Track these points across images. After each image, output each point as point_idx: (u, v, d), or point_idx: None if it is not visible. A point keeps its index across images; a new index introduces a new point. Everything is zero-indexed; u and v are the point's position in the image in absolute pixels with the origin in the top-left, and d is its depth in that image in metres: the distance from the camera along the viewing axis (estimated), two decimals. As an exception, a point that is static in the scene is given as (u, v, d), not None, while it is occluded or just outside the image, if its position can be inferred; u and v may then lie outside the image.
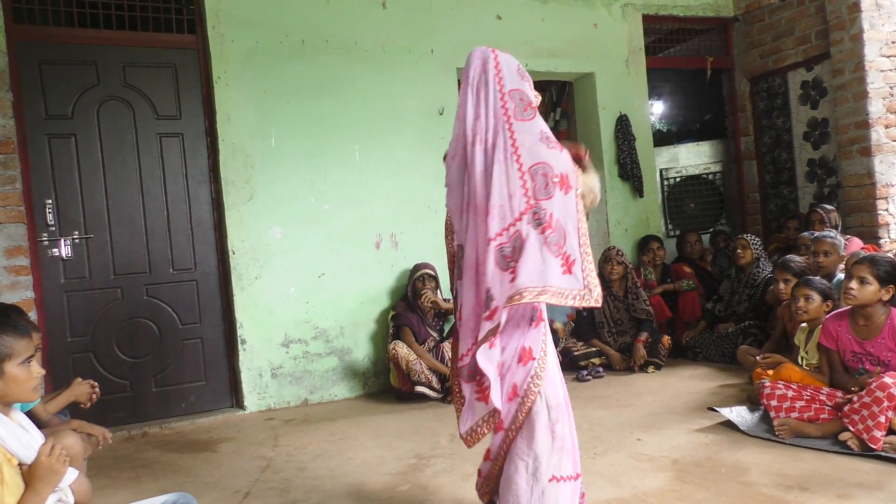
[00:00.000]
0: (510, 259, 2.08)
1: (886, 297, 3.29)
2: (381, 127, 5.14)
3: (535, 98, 2.27)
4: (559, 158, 2.14)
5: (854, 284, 3.28)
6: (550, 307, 2.37)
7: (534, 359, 2.22)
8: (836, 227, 5.24)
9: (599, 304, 2.13)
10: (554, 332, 4.76)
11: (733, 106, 6.84)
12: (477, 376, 2.18)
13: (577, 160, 2.25)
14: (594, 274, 2.14)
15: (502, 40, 5.55)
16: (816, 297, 3.79)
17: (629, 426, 3.72)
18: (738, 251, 5.30)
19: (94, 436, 2.76)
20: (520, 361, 2.22)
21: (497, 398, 2.14)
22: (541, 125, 2.19)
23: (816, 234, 4.71)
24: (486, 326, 2.09)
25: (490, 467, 2.34)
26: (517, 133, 2.14)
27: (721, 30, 6.77)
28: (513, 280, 2.06)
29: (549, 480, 2.19)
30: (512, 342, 2.23)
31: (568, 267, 2.08)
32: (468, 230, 2.21)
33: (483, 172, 2.16)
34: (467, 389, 2.24)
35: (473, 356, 2.13)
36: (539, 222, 2.08)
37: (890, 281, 3.27)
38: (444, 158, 2.37)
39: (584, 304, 2.09)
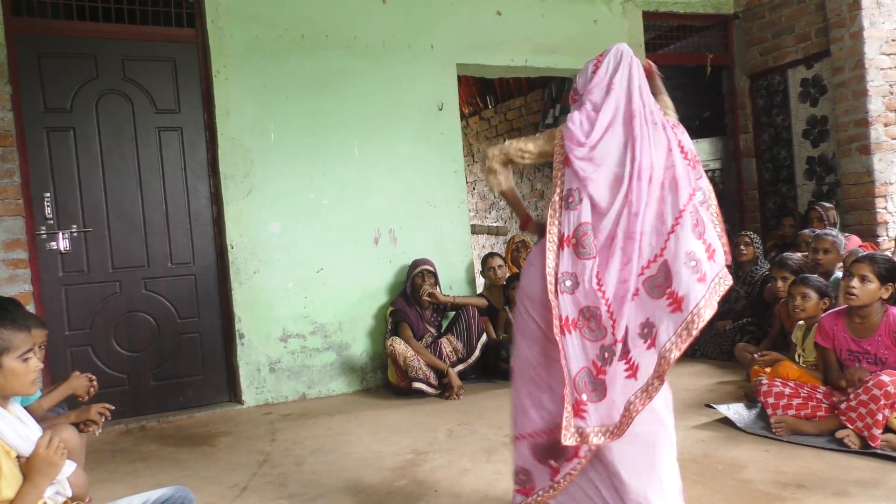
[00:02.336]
0: (698, 228, 2.15)
1: (886, 296, 3.29)
2: (381, 122, 5.13)
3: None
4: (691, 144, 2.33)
5: (856, 283, 3.27)
6: None
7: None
8: (834, 225, 5.26)
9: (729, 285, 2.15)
10: None
11: (733, 103, 6.84)
12: (668, 289, 2.10)
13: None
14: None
15: (502, 36, 5.55)
16: (813, 295, 3.79)
17: (626, 422, 3.72)
18: (741, 248, 5.30)
19: (93, 421, 2.72)
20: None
21: (692, 302, 2.06)
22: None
23: (818, 231, 4.72)
24: (699, 288, 2.07)
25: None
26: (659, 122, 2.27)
27: (721, 27, 6.77)
28: (709, 257, 2.13)
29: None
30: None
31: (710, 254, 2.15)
32: (628, 199, 2.17)
33: (655, 147, 2.21)
34: (617, 369, 2.12)
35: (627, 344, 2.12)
36: (702, 201, 2.25)
37: (889, 279, 3.27)
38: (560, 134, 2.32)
39: (725, 287, 2.12)
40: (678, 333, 2.05)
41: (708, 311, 2.05)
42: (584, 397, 2.12)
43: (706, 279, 2.08)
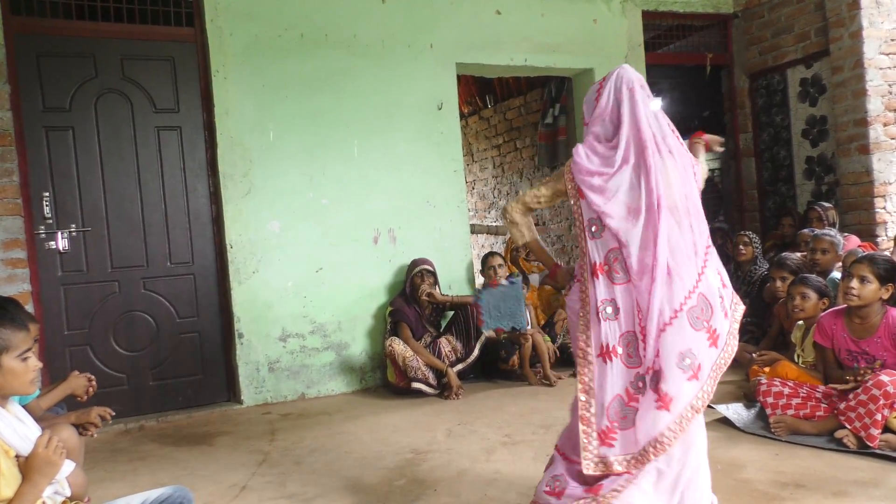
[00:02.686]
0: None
1: (886, 296, 3.29)
2: (380, 122, 5.13)
3: None
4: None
5: (855, 283, 3.27)
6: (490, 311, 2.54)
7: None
8: (833, 225, 5.26)
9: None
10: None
11: (732, 103, 6.84)
12: (706, 323, 2.16)
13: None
14: None
15: (502, 35, 5.55)
16: (812, 296, 3.79)
17: (626, 422, 3.72)
18: (740, 247, 5.30)
19: (93, 424, 2.72)
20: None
21: (722, 340, 2.20)
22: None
23: (816, 231, 4.72)
24: (726, 324, 2.26)
25: (622, 482, 2.21)
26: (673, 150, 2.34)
27: (720, 26, 6.77)
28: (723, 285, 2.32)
29: None
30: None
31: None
32: (652, 229, 2.20)
33: (675, 176, 2.27)
34: (649, 399, 2.15)
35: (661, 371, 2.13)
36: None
37: (889, 279, 3.27)
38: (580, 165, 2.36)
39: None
40: (714, 367, 2.17)
41: (734, 343, 2.23)
42: (616, 426, 2.14)
43: (727, 314, 2.23)
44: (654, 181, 2.20)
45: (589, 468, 2.15)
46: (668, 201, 2.21)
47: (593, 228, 2.24)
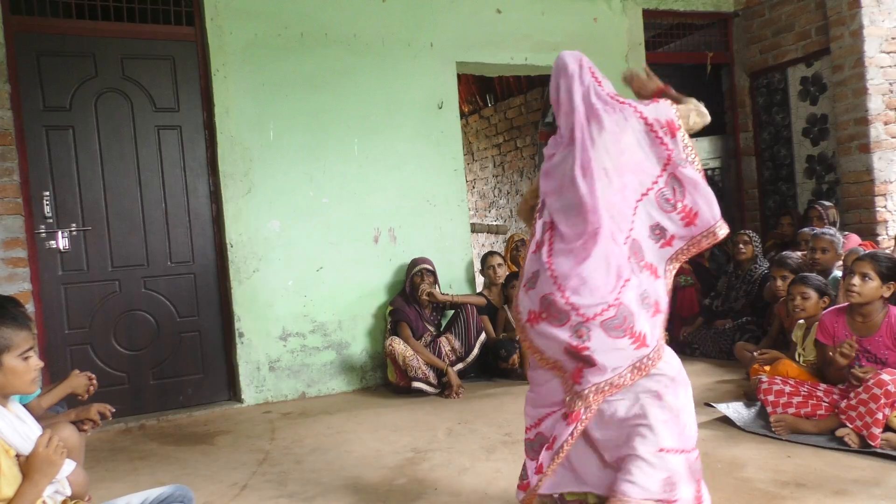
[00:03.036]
0: (671, 201, 2.25)
1: (888, 294, 3.29)
2: (380, 120, 5.13)
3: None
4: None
5: (857, 281, 3.28)
6: None
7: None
8: (834, 224, 5.25)
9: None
10: None
11: (733, 101, 6.84)
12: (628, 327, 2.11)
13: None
14: None
15: (502, 34, 5.55)
16: (813, 295, 3.79)
17: (626, 421, 3.72)
18: (740, 246, 5.30)
19: (92, 420, 2.73)
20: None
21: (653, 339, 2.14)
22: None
23: (816, 230, 4.72)
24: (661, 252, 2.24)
25: (550, 458, 2.24)
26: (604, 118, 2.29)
27: (721, 25, 6.76)
28: (687, 224, 2.27)
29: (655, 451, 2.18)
30: None
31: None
32: (570, 199, 2.22)
33: (590, 146, 2.25)
34: (610, 341, 2.11)
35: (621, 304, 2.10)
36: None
37: (891, 277, 3.27)
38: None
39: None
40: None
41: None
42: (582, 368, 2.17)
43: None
44: (580, 152, 2.20)
45: (572, 406, 2.19)
46: (597, 170, 2.21)
47: (538, 209, 2.31)
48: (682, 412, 2.25)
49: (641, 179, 2.22)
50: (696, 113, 2.48)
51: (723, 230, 2.23)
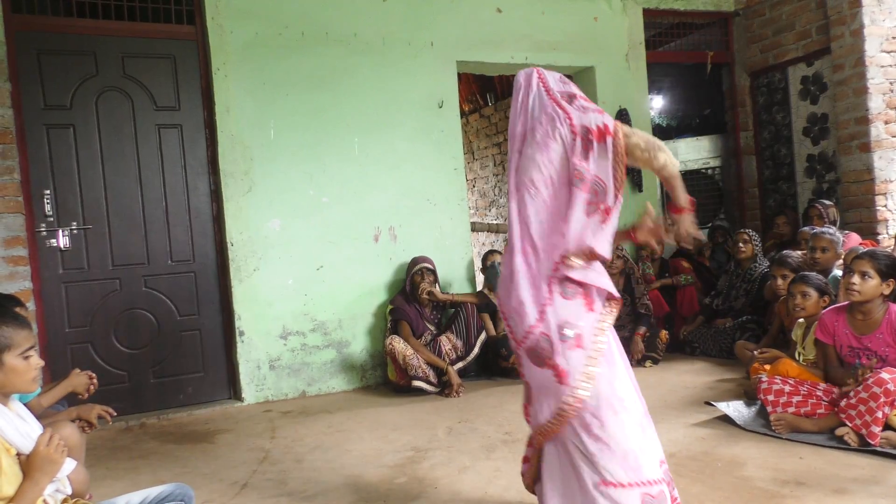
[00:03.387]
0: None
1: (887, 292, 3.29)
2: (381, 119, 5.13)
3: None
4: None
5: (856, 279, 3.28)
6: None
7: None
8: (834, 223, 5.25)
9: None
10: None
11: (733, 101, 6.83)
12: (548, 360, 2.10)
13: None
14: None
15: (502, 33, 5.55)
16: (813, 294, 3.80)
17: (626, 420, 3.72)
18: (740, 245, 5.30)
19: (91, 422, 2.74)
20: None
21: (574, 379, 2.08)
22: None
23: (816, 229, 4.72)
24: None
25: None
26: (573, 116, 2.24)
27: (721, 24, 6.76)
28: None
29: (597, 484, 2.06)
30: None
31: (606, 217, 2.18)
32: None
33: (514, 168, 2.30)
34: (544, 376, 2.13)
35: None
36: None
37: (890, 275, 3.27)
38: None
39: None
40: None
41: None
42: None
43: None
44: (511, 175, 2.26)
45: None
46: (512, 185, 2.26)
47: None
48: (617, 441, 2.07)
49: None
50: (661, 150, 2.26)
51: (573, 261, 2.12)
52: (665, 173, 2.27)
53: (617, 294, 2.25)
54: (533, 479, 2.39)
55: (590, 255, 2.14)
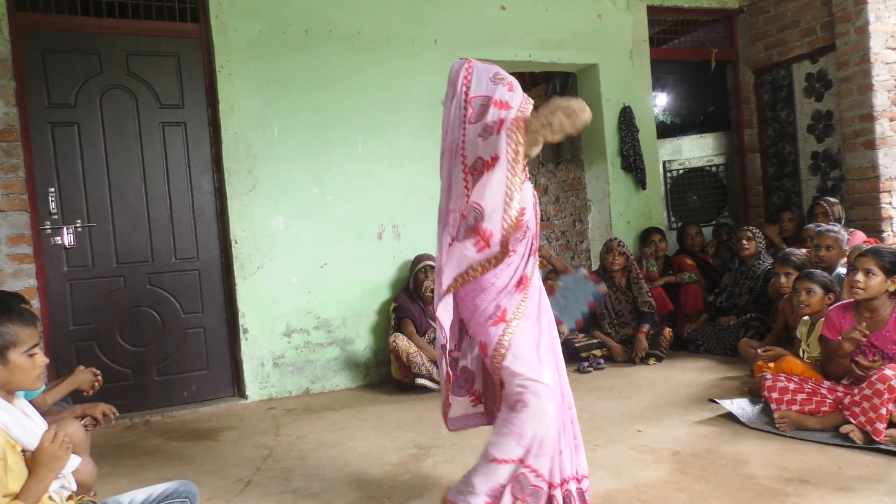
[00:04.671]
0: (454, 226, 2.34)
1: (892, 289, 3.28)
2: (384, 118, 5.13)
3: (514, 98, 2.39)
4: (488, 144, 2.24)
5: (860, 277, 3.27)
6: (562, 310, 2.51)
7: (506, 321, 2.31)
8: (839, 221, 5.24)
9: (499, 257, 2.24)
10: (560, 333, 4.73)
11: (737, 98, 6.81)
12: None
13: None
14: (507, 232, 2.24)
15: (506, 31, 5.54)
16: (818, 291, 3.79)
17: (630, 418, 3.72)
18: (744, 242, 5.30)
19: (94, 418, 2.75)
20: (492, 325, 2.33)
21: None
22: (487, 118, 2.28)
23: (820, 227, 4.71)
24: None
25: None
26: (466, 135, 2.29)
27: (726, 21, 6.74)
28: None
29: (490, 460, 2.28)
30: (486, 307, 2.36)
31: (486, 242, 2.22)
32: (439, 238, 2.40)
33: (447, 182, 2.37)
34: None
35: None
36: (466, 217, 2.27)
37: (895, 271, 3.26)
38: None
39: (496, 263, 2.24)
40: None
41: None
42: None
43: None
44: (442, 187, 2.42)
45: None
46: (441, 207, 2.43)
47: None
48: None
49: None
50: (563, 112, 2.40)
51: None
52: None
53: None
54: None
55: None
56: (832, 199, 5.45)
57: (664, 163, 6.73)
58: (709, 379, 4.47)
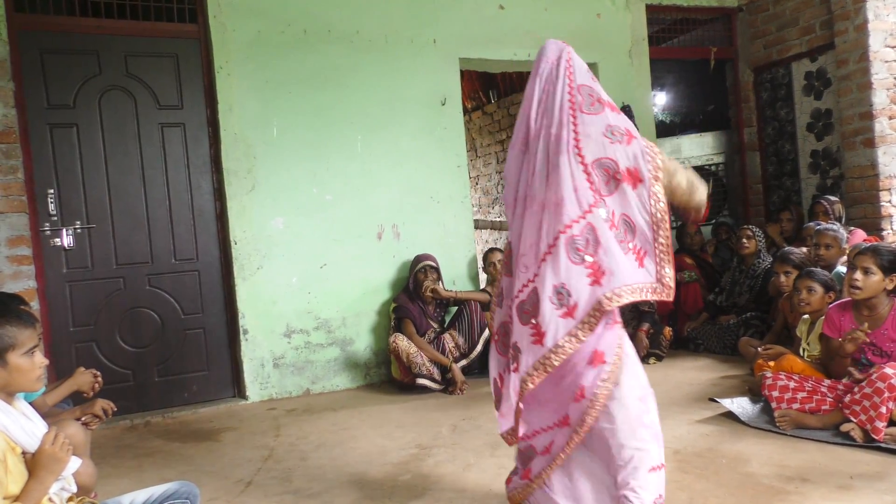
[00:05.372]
0: (583, 251, 2.07)
1: (890, 286, 3.29)
2: (384, 117, 5.13)
3: (605, 96, 2.22)
4: (625, 152, 2.10)
5: (859, 275, 3.28)
6: None
7: (605, 363, 2.13)
8: (840, 219, 5.24)
9: (671, 297, 2.11)
10: None
11: (737, 97, 6.81)
12: (533, 319, 2.09)
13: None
14: (668, 266, 2.11)
15: (505, 30, 5.54)
16: (819, 289, 3.79)
17: (630, 417, 3.71)
18: (743, 241, 5.30)
19: (97, 416, 2.75)
20: (590, 364, 2.13)
21: (552, 339, 2.05)
22: (608, 119, 2.14)
23: (820, 226, 4.71)
24: (562, 324, 2.05)
25: (545, 464, 2.26)
26: (580, 126, 2.11)
27: (725, 20, 6.74)
28: (595, 280, 2.05)
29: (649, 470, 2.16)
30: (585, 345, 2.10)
31: (640, 261, 2.09)
32: (520, 221, 2.20)
33: (544, 165, 2.14)
34: (523, 333, 2.13)
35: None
36: (605, 218, 2.08)
37: (893, 270, 3.26)
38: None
39: (657, 297, 2.09)
40: (535, 366, 2.08)
41: (570, 347, 2.04)
42: (498, 405, 2.33)
43: (575, 313, 2.04)
44: (532, 169, 2.18)
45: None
46: (532, 191, 2.18)
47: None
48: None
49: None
50: (684, 176, 2.23)
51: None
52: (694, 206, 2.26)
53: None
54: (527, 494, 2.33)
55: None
56: (832, 198, 5.46)
57: (664, 162, 6.72)
58: (709, 378, 4.47)
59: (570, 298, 2.05)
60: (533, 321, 2.09)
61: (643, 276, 2.09)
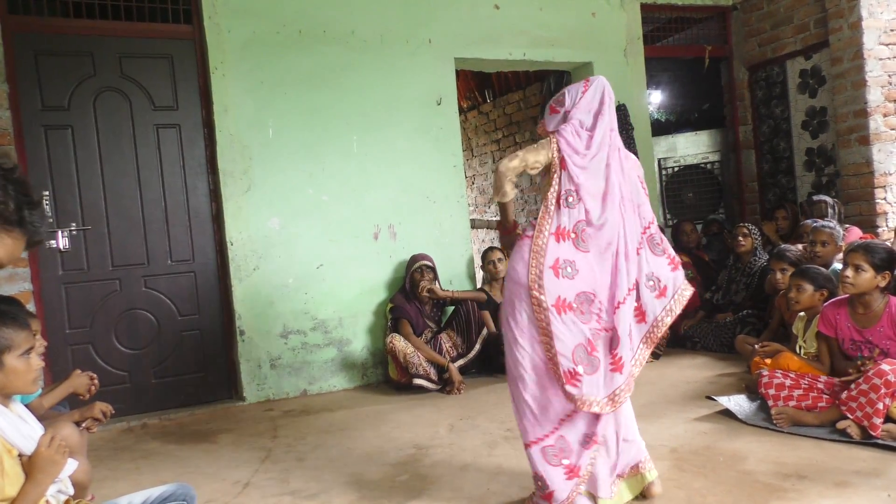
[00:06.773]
0: (660, 245, 2.59)
1: (882, 284, 3.29)
2: (379, 117, 5.12)
3: None
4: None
5: (849, 272, 3.29)
6: None
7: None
8: (838, 217, 5.24)
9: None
10: None
11: (732, 95, 6.83)
12: (616, 350, 2.47)
13: None
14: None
15: (500, 30, 5.54)
16: (808, 287, 3.80)
17: (628, 415, 3.72)
18: (739, 239, 5.31)
19: (96, 419, 2.74)
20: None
21: (628, 371, 2.50)
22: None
23: (816, 223, 4.72)
24: (658, 303, 2.52)
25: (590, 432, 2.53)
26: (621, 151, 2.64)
27: (719, 18, 6.76)
28: (674, 269, 2.58)
29: None
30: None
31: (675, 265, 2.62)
32: (608, 213, 2.52)
33: (619, 173, 2.57)
34: (605, 359, 2.50)
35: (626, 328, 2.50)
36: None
37: (885, 267, 3.27)
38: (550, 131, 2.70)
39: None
40: (643, 340, 2.54)
41: (668, 319, 2.54)
42: (581, 369, 2.44)
43: (667, 293, 2.54)
44: (613, 174, 2.55)
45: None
46: (618, 195, 2.55)
47: (569, 199, 2.52)
48: None
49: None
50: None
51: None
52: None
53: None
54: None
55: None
56: (829, 199, 5.44)
57: (659, 160, 6.74)
58: (706, 376, 4.47)
59: (659, 283, 2.57)
60: (636, 305, 2.54)
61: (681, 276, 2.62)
